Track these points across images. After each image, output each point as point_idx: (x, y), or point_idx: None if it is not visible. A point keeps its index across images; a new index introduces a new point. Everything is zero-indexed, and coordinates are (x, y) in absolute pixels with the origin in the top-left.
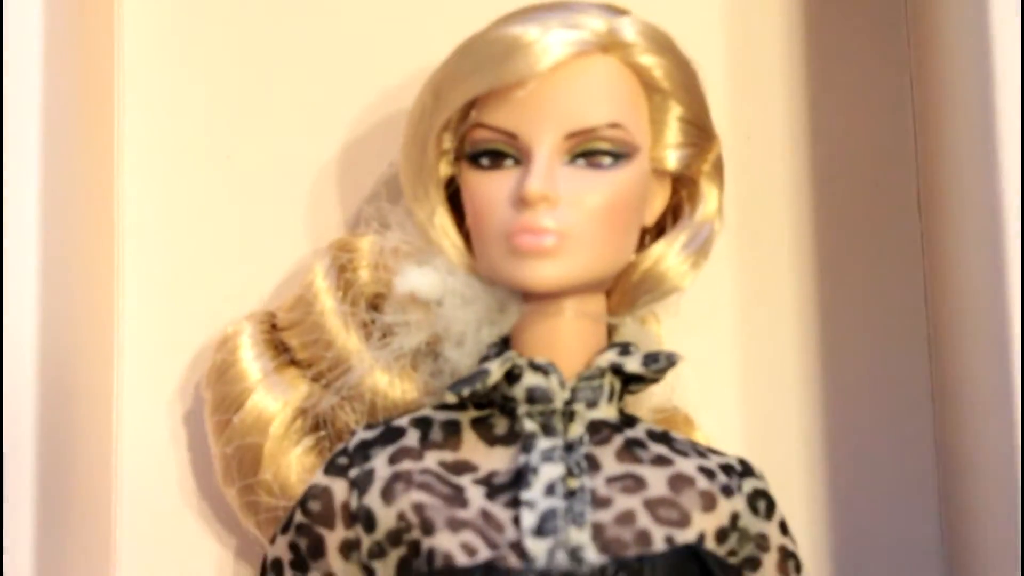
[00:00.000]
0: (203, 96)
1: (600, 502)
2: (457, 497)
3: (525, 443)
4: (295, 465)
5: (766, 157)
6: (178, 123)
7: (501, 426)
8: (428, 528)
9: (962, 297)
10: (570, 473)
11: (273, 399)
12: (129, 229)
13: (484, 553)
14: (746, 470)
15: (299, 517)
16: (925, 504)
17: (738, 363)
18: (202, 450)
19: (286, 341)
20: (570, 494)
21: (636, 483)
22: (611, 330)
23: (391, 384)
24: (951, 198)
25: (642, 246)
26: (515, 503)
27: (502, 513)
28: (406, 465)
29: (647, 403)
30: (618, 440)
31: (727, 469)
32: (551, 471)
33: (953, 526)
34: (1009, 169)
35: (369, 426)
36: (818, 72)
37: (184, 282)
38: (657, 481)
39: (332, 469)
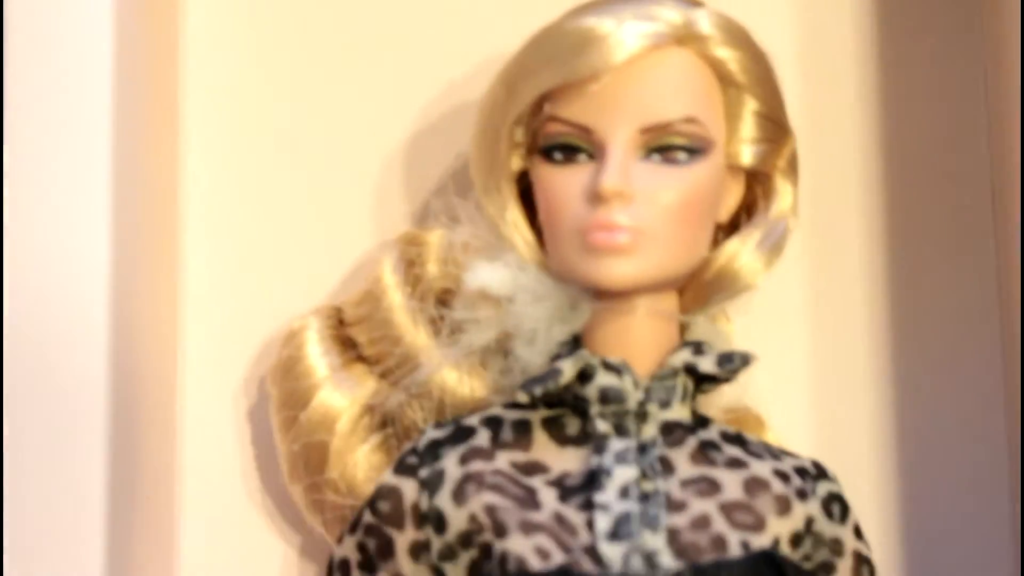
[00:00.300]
0: (268, 85)
1: (675, 506)
2: (529, 499)
3: (598, 444)
4: (362, 463)
5: (837, 150)
6: (244, 112)
7: (573, 426)
8: (500, 530)
9: None
10: (644, 475)
11: (340, 396)
12: (194, 220)
13: (557, 557)
14: (820, 473)
15: (368, 517)
16: (999, 509)
17: (809, 362)
18: (268, 446)
19: (353, 337)
20: (644, 497)
21: (711, 486)
22: (682, 328)
23: (460, 381)
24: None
25: (715, 243)
26: (589, 506)
27: (575, 516)
28: (477, 465)
29: (718, 402)
30: (692, 442)
31: (801, 472)
32: (625, 473)
33: None
34: None
35: (438, 425)
36: (890, 63)
37: (249, 274)
38: (732, 484)
39: (402, 468)
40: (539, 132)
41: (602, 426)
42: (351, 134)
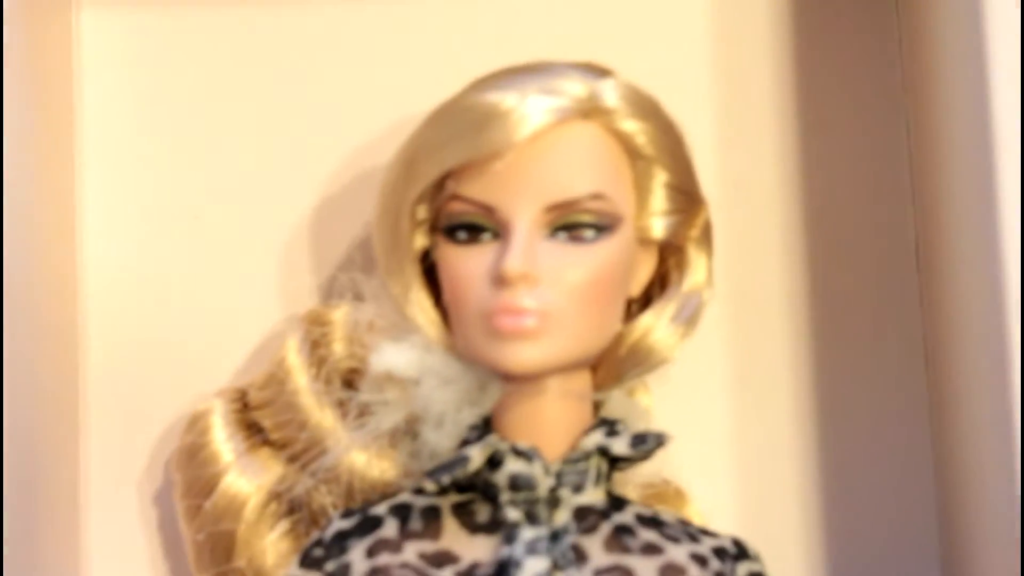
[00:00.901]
0: (168, 155)
1: None
2: None
3: (508, 533)
4: (270, 551)
5: (757, 214)
6: (142, 183)
7: (483, 513)
8: None
9: (965, 359)
10: (556, 566)
11: (246, 482)
12: (92, 294)
13: None
14: (740, 552)
15: None
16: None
17: (732, 431)
18: (173, 534)
19: (259, 421)
20: None
21: (625, 575)
22: (597, 404)
23: (369, 464)
24: (951, 245)
25: (628, 316)
26: None
27: None
28: (384, 559)
29: (636, 477)
30: (606, 528)
31: (720, 553)
32: (536, 565)
33: None
34: (1009, 214)
35: (346, 514)
36: (811, 124)
37: (150, 352)
38: (647, 572)
39: (307, 561)
40: (442, 210)
41: (512, 514)
42: (255, 205)
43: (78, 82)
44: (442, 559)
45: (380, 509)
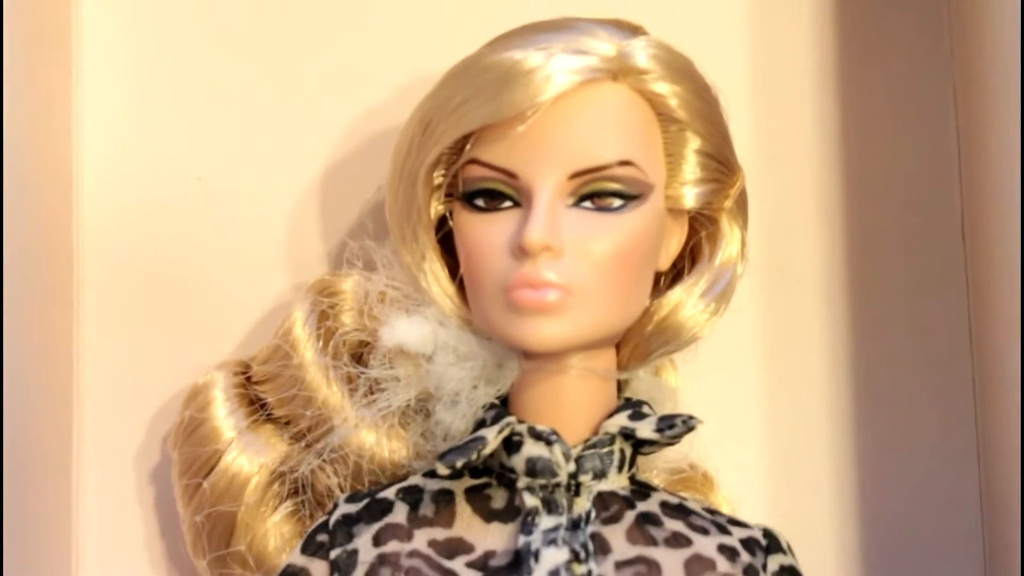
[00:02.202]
0: (170, 115)
1: None
2: None
3: (525, 521)
4: (272, 534)
5: (794, 180)
6: (143, 143)
7: (499, 499)
8: None
9: (1011, 334)
10: (576, 558)
11: (248, 461)
12: (89, 260)
13: None
14: (771, 544)
15: None
16: (969, 565)
17: (763, 413)
18: (170, 514)
19: (262, 396)
20: None
21: (649, 568)
22: (621, 383)
23: (378, 444)
24: (999, 223)
25: (656, 290)
26: None
27: None
28: (393, 546)
29: (661, 461)
30: (629, 517)
31: (750, 545)
32: (554, 556)
33: None
34: None
35: (352, 497)
36: (850, 85)
37: (148, 323)
38: (673, 566)
39: (311, 547)
40: (460, 176)
41: (530, 501)
42: (261, 167)
43: (77, 36)
44: (454, 548)
45: (389, 493)
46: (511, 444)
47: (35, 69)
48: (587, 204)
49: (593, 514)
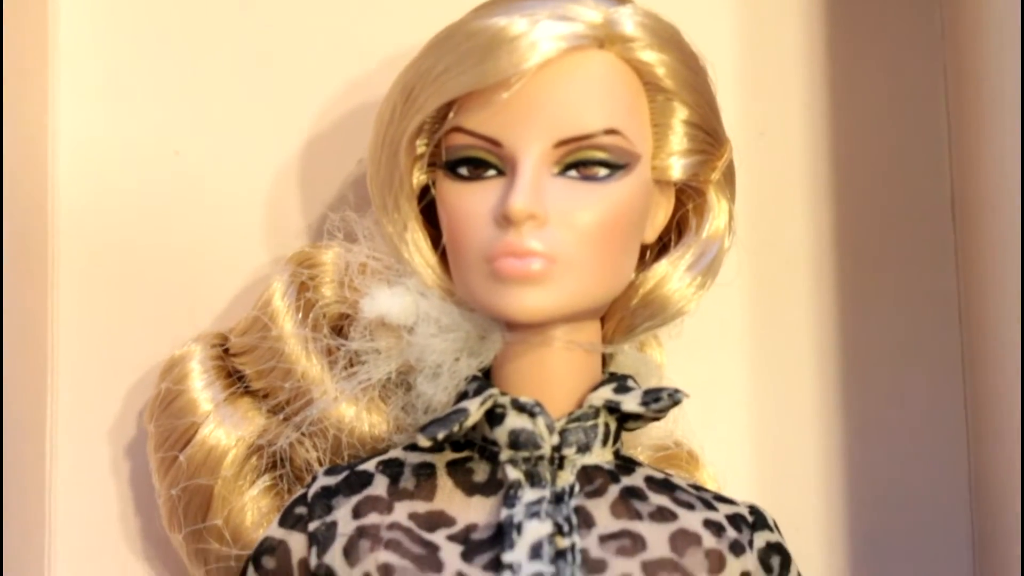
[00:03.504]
0: (147, 85)
1: (593, 566)
2: (430, 557)
3: (508, 494)
4: (249, 508)
5: (781, 157)
6: (119, 114)
7: (481, 472)
8: None
9: (1000, 312)
10: (559, 531)
11: (225, 434)
12: (64, 231)
13: None
14: (758, 520)
15: (252, 573)
16: (957, 547)
17: (749, 390)
18: (145, 488)
19: (240, 368)
20: (559, 555)
21: (634, 543)
22: (606, 358)
23: (358, 417)
24: (990, 203)
25: (642, 263)
26: (496, 566)
27: None
28: (372, 519)
29: (646, 438)
30: (613, 491)
31: (736, 521)
32: (537, 529)
33: (988, 570)
34: None
35: (331, 470)
36: (840, 60)
37: (125, 295)
38: (658, 540)
39: (289, 520)
40: (442, 144)
41: (513, 473)
42: (241, 139)
43: (53, 9)
44: (435, 521)
45: (369, 465)
46: (494, 416)
47: (8, 42)
48: (572, 173)
49: (577, 487)
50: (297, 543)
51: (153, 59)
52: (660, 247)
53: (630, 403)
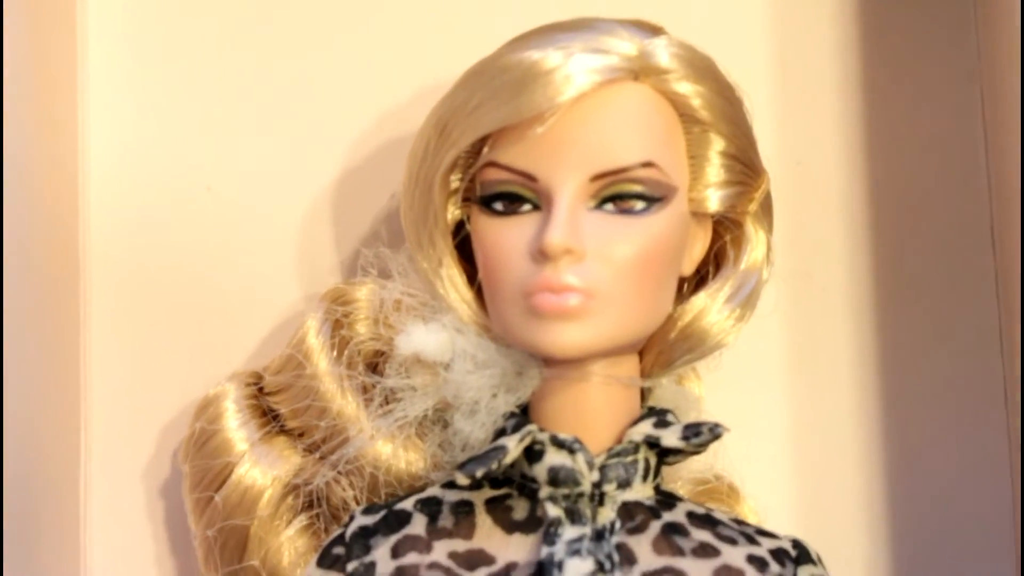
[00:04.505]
0: (179, 120)
1: None
2: None
3: (548, 532)
4: (286, 549)
5: (820, 185)
6: (152, 151)
7: (521, 509)
8: None
9: None
10: (600, 569)
11: (260, 473)
12: (96, 269)
13: None
14: (801, 555)
15: None
16: None
17: (789, 423)
18: (181, 529)
19: (275, 407)
20: None
21: None
22: (644, 392)
23: (395, 455)
24: None
25: (680, 296)
26: None
27: None
28: (412, 558)
29: (685, 472)
30: (655, 527)
31: (779, 555)
32: (579, 567)
33: None
34: None
35: (369, 509)
36: (876, 87)
37: (158, 334)
38: None
39: (327, 560)
40: (477, 179)
41: (553, 511)
42: (274, 176)
43: (82, 41)
44: (475, 560)
45: (407, 504)
46: (532, 453)
47: (40, 74)
48: (609, 207)
49: (618, 524)
50: None
51: (186, 94)
52: (698, 280)
53: (670, 438)
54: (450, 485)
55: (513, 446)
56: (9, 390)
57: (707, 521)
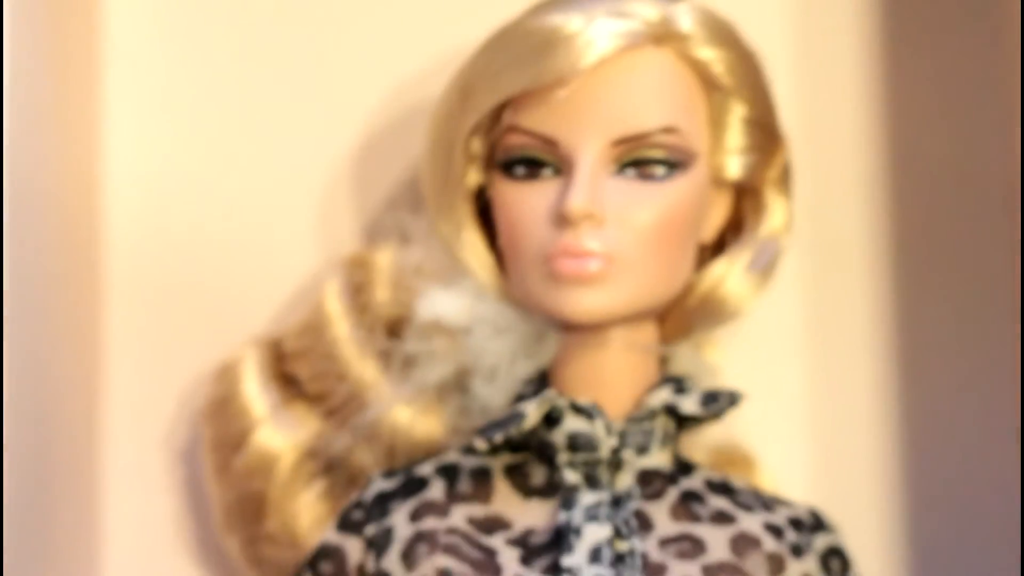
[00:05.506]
0: (198, 89)
1: (653, 569)
2: (488, 562)
3: (566, 497)
4: (305, 513)
5: (838, 157)
6: (170, 118)
7: (538, 475)
8: None
9: None
10: (618, 534)
11: (280, 438)
12: (115, 235)
13: None
14: (818, 523)
15: None
16: (1012, 556)
17: (806, 393)
18: (199, 493)
19: (294, 372)
20: (618, 559)
21: (694, 546)
22: (663, 360)
23: (413, 421)
24: None
25: (699, 263)
26: (555, 570)
27: None
28: (430, 523)
29: (703, 440)
30: (672, 493)
31: (796, 523)
32: (596, 532)
33: None
34: None
35: (388, 474)
36: (897, 57)
37: (177, 300)
38: (718, 543)
39: (346, 524)
40: (499, 144)
41: (571, 476)
42: (293, 141)
43: (102, 12)
44: (493, 524)
45: (425, 469)
46: (551, 419)
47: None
48: (630, 172)
49: (636, 490)
50: (354, 548)
51: (205, 64)
52: (717, 247)
53: (688, 405)
54: (468, 451)
55: (532, 411)
56: (28, 356)
57: (724, 489)
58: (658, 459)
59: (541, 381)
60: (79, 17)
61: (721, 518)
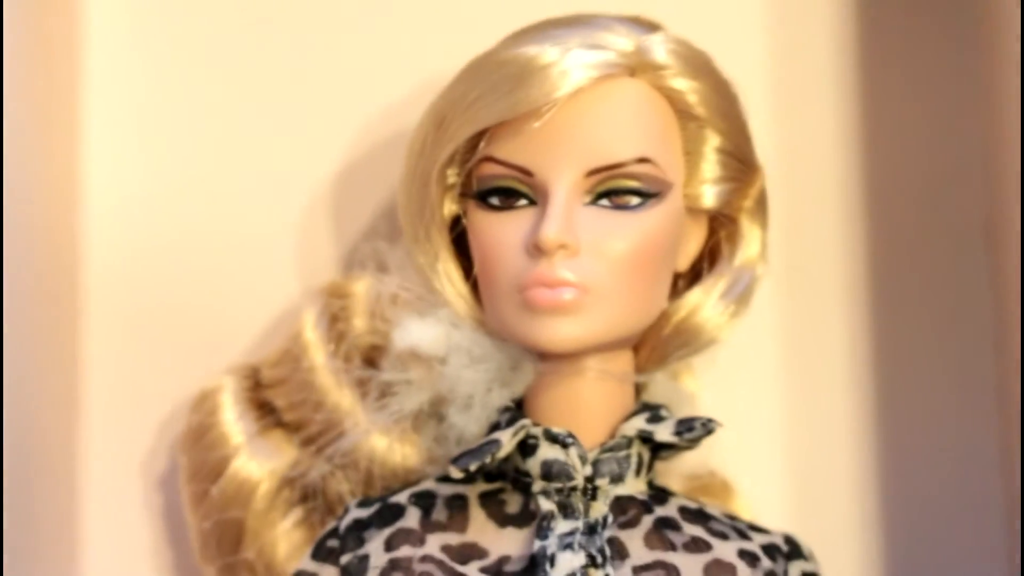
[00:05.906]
0: (177, 117)
1: None
2: None
3: (541, 526)
4: (282, 541)
5: (814, 185)
6: (150, 147)
7: (514, 503)
8: None
9: None
10: (592, 563)
11: (257, 466)
12: (94, 262)
13: None
14: (793, 551)
15: None
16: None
17: (783, 419)
18: (177, 521)
19: (271, 400)
20: None
21: (668, 574)
22: (638, 388)
23: (390, 449)
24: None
25: (675, 292)
26: None
27: None
28: (405, 551)
29: (679, 468)
30: (647, 521)
31: (771, 550)
32: (570, 561)
33: None
34: None
35: (363, 502)
36: (873, 83)
37: (155, 328)
38: (692, 570)
39: (321, 553)
40: (474, 174)
41: (546, 505)
42: (272, 169)
43: (83, 31)
44: (468, 553)
45: (401, 497)
46: (526, 447)
47: (38, 71)
48: (604, 202)
49: (610, 518)
50: None
51: (184, 85)
52: (693, 276)
53: (663, 433)
54: (444, 479)
55: (507, 440)
56: (6, 383)
57: (699, 516)
58: (633, 487)
59: (516, 410)
60: (59, 35)
61: (696, 546)
